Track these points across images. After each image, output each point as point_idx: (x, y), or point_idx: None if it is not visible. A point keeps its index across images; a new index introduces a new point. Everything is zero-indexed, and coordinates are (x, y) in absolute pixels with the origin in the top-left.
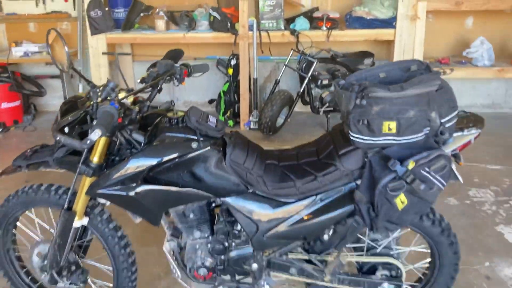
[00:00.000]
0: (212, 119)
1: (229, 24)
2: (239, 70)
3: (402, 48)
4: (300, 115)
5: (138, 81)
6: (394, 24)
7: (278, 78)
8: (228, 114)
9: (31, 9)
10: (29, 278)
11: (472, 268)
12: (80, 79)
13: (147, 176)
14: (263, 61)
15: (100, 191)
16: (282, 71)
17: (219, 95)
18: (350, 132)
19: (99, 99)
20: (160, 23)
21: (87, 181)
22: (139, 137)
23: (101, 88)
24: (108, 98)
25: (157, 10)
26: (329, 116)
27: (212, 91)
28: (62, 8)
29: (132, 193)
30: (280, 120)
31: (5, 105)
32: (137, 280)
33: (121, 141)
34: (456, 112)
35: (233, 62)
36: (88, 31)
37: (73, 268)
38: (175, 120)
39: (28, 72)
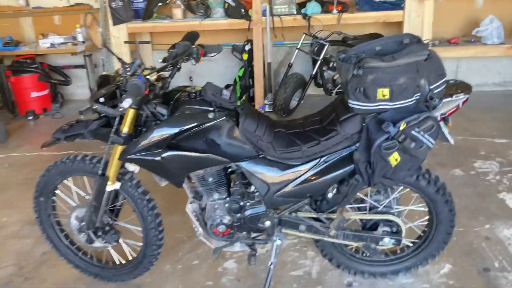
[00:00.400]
0: (225, 93)
1: (243, 11)
2: (253, 55)
3: (411, 29)
4: (313, 97)
5: (160, 60)
6: (402, 5)
7: (291, 62)
8: (244, 98)
9: (55, 2)
10: (68, 240)
11: (472, 231)
12: (104, 69)
13: (171, 144)
14: (277, 46)
15: (131, 156)
16: (295, 54)
17: (235, 80)
18: (349, 99)
19: (128, 74)
20: (178, 12)
21: (118, 149)
22: (162, 109)
23: (129, 65)
24: (136, 73)
25: None
26: None
27: (228, 76)
28: (84, 0)
29: (158, 158)
30: (293, 103)
31: (34, 94)
32: (163, 241)
33: (147, 113)
34: (444, 80)
35: (247, 47)
36: (110, 22)
37: (107, 228)
38: (194, 94)
39: (54, 63)
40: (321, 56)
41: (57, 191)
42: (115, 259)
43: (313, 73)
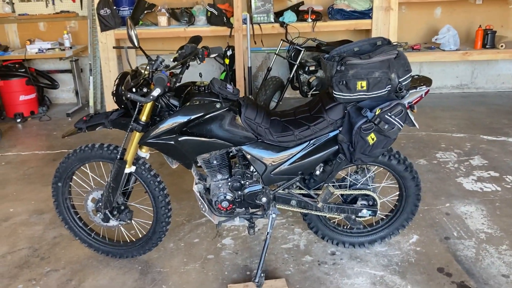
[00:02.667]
0: (229, 87)
1: (225, 19)
2: (235, 60)
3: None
4: (290, 100)
5: (171, 60)
6: (370, 15)
7: (270, 66)
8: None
9: (41, 9)
10: (82, 222)
11: (435, 208)
12: (91, 73)
13: (183, 130)
14: (255, 52)
15: (149, 140)
16: (273, 59)
17: None
18: (333, 91)
19: (153, 69)
20: (163, 19)
21: (137, 136)
22: (174, 101)
23: (154, 61)
24: (158, 68)
25: (159, 7)
26: None
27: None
28: (70, 8)
29: (172, 142)
30: (273, 104)
31: (22, 97)
32: (171, 219)
33: (161, 105)
34: (409, 74)
35: (229, 53)
36: (98, 28)
37: (122, 208)
38: (202, 88)
39: (39, 67)
40: (298, 61)
41: (74, 177)
42: (126, 237)
43: (290, 76)
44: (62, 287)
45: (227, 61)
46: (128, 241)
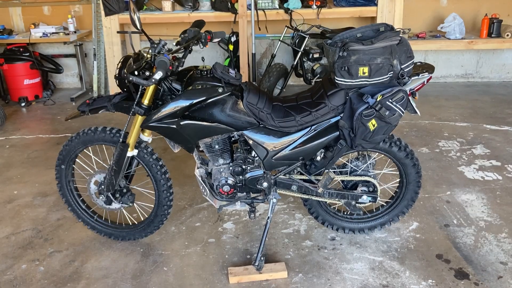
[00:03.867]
0: (232, 71)
1: (229, 4)
2: (239, 46)
3: None
4: (293, 87)
5: (174, 44)
6: (376, 2)
7: (274, 53)
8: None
9: None
10: (85, 205)
11: (436, 196)
12: (96, 58)
13: (186, 114)
14: (259, 38)
15: (151, 124)
16: (277, 46)
17: None
18: (335, 77)
19: (155, 52)
20: (167, 4)
21: (139, 119)
22: (177, 85)
23: (156, 44)
24: (161, 52)
25: None
26: None
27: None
28: None
29: (174, 126)
30: (276, 90)
31: (27, 81)
32: (173, 202)
33: (164, 89)
34: (412, 61)
35: (233, 39)
36: (102, 13)
37: (124, 191)
38: (205, 72)
39: (44, 52)
40: (302, 48)
41: (77, 160)
42: (128, 220)
43: (294, 63)
44: (64, 268)
45: (231, 47)
46: (130, 223)
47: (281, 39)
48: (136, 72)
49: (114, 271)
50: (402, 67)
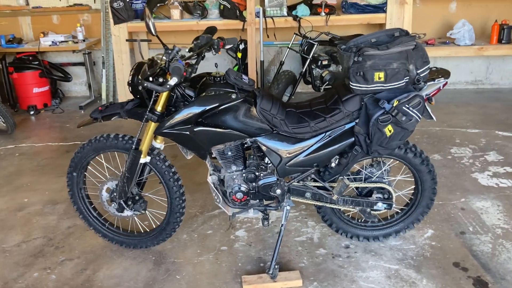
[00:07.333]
0: (245, 77)
1: (237, 12)
2: (247, 53)
3: None
4: (302, 94)
5: (187, 50)
6: (384, 9)
7: (283, 60)
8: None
9: (55, 2)
10: (96, 212)
11: (450, 203)
12: (104, 66)
13: (199, 121)
14: (267, 46)
15: (165, 130)
16: (286, 53)
17: None
18: (350, 82)
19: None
20: (176, 12)
21: (152, 126)
22: (190, 92)
23: (171, 51)
24: (175, 58)
25: (172, 0)
26: None
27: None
28: (83, 1)
29: (188, 132)
30: (285, 98)
31: (36, 90)
32: (185, 210)
33: (177, 95)
34: (428, 66)
35: (241, 46)
36: (111, 21)
37: (136, 198)
38: (218, 78)
39: (53, 60)
40: (311, 55)
41: (89, 167)
42: (140, 228)
43: (303, 70)
44: (76, 276)
45: (239, 55)
46: (142, 231)
47: (289, 46)
48: (150, 78)
49: (126, 280)
50: (418, 72)
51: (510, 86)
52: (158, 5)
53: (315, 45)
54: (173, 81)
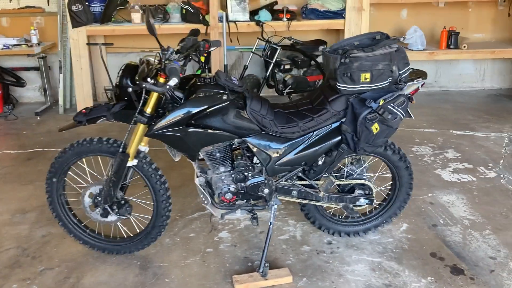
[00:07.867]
0: (234, 78)
1: (200, 16)
2: (210, 57)
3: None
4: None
5: (174, 52)
6: (343, 15)
7: (247, 64)
8: None
9: (4, 4)
10: (76, 219)
11: (419, 198)
12: (61, 71)
13: (190, 122)
14: (229, 50)
15: (156, 132)
16: (249, 58)
17: None
18: (337, 83)
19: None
20: (136, 16)
21: (141, 128)
22: (179, 94)
23: (167, 52)
24: (170, 59)
25: (132, 4)
26: (291, 96)
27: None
28: (35, 4)
29: (179, 134)
30: None
31: None
32: (171, 213)
33: (166, 97)
34: (408, 67)
35: None
36: (68, 24)
37: (122, 202)
38: (208, 80)
39: (2, 64)
40: (274, 59)
41: (69, 172)
42: (123, 233)
43: (266, 75)
44: (60, 285)
45: (202, 59)
46: (126, 236)
47: (253, 51)
48: (149, 79)
49: (114, 285)
50: (400, 73)
51: (457, 88)
52: (118, 8)
53: (278, 50)
54: (173, 81)
